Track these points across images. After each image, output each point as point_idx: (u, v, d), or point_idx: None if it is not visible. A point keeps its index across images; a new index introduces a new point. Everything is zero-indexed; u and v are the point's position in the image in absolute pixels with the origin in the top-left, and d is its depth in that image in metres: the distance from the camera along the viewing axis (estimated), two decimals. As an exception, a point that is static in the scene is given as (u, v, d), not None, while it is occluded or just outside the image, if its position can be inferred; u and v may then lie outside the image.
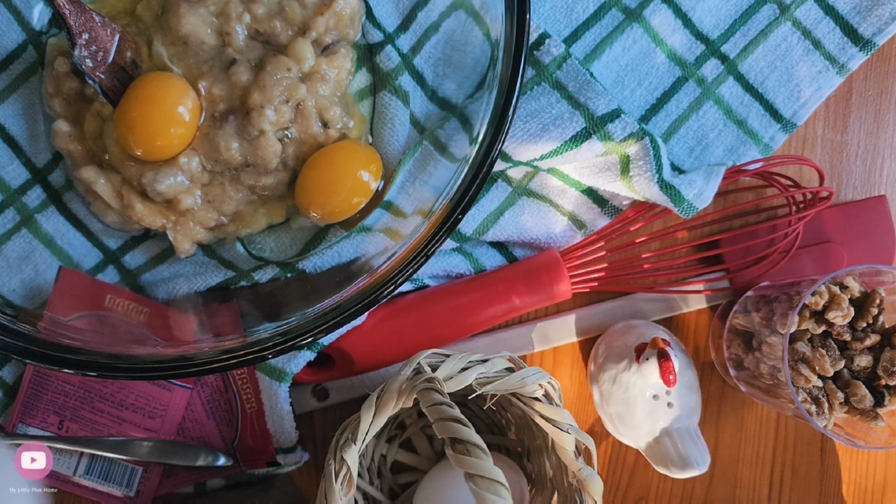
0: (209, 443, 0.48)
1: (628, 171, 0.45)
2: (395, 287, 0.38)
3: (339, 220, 0.46)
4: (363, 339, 0.47)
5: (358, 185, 0.44)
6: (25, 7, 0.44)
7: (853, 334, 0.44)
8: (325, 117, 0.44)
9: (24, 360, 0.37)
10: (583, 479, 0.37)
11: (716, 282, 0.50)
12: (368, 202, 0.45)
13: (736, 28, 0.49)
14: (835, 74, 0.50)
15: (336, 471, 0.35)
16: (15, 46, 0.44)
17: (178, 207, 0.43)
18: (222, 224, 0.45)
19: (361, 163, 0.44)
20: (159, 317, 0.45)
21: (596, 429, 0.51)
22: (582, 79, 0.45)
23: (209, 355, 0.38)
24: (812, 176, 0.51)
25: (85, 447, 0.45)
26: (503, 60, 0.38)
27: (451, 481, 0.45)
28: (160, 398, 0.47)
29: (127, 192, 0.43)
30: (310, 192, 0.44)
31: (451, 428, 0.31)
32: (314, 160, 0.44)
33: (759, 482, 0.52)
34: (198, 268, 0.46)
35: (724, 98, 0.49)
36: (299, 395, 0.49)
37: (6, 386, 0.46)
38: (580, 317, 0.50)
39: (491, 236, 0.48)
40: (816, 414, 0.43)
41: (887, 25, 0.49)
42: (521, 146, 0.45)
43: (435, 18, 0.46)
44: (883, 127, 0.52)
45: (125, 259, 0.46)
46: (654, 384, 0.45)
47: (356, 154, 0.44)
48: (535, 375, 0.38)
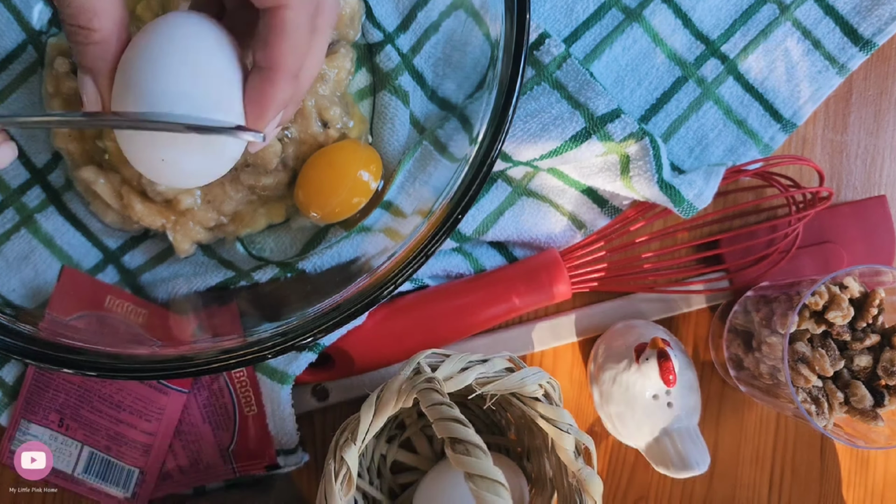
0: (204, 447, 0.48)
1: (628, 171, 0.45)
2: (395, 287, 0.38)
3: (339, 220, 0.46)
4: (363, 339, 0.47)
5: (358, 185, 0.44)
6: (25, 7, 0.44)
7: (853, 334, 0.44)
8: (325, 117, 0.44)
9: (24, 360, 0.37)
10: (583, 479, 0.37)
11: (716, 282, 0.50)
12: (368, 202, 0.45)
13: (736, 28, 0.49)
14: (835, 74, 0.50)
15: (336, 471, 0.35)
16: (15, 46, 0.44)
17: (177, 207, 0.43)
18: (222, 224, 0.45)
19: (361, 163, 0.44)
20: (159, 317, 0.45)
21: (596, 429, 0.51)
22: (582, 79, 0.45)
23: (209, 355, 0.38)
24: (812, 176, 0.51)
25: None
26: (503, 60, 0.38)
27: (451, 481, 0.45)
28: (156, 402, 0.46)
29: (126, 191, 0.43)
30: (310, 193, 0.44)
31: (451, 428, 0.31)
32: (314, 160, 0.44)
33: (759, 482, 0.52)
34: (197, 268, 0.46)
35: (724, 98, 0.49)
36: (299, 395, 0.49)
37: (6, 386, 0.46)
38: (580, 317, 0.50)
39: (491, 236, 0.48)
40: (816, 414, 0.43)
41: (887, 25, 0.49)
42: (521, 146, 0.45)
43: (435, 18, 0.46)
44: (883, 127, 0.52)
45: (125, 259, 0.46)
46: (654, 384, 0.45)
47: (356, 154, 0.44)
48: (535, 375, 0.38)
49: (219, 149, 0.34)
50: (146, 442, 0.47)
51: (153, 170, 0.34)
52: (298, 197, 0.44)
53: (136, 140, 0.32)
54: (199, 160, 0.33)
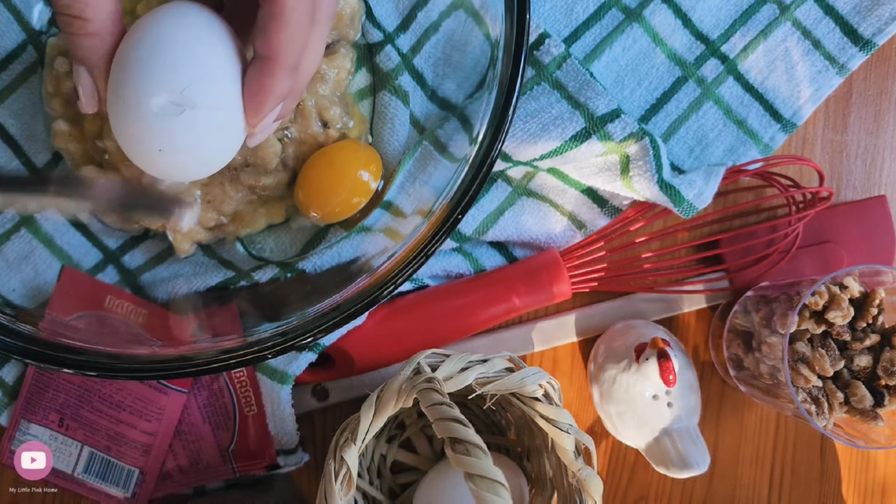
0: (204, 447, 0.48)
1: (628, 171, 0.45)
2: (395, 287, 0.38)
3: (339, 220, 0.46)
4: (363, 339, 0.47)
5: (358, 185, 0.44)
6: (25, 7, 0.44)
7: (853, 334, 0.44)
8: (325, 117, 0.44)
9: (24, 360, 0.37)
10: (582, 479, 0.37)
11: (716, 282, 0.50)
12: (368, 202, 0.45)
13: (736, 28, 0.49)
14: (835, 74, 0.50)
15: (336, 471, 0.35)
16: (15, 46, 0.44)
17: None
18: (222, 224, 0.45)
19: (361, 163, 0.44)
20: (159, 317, 0.45)
21: (596, 429, 0.51)
22: (582, 79, 0.45)
23: (209, 355, 0.38)
24: (812, 176, 0.51)
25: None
26: (503, 60, 0.38)
27: (451, 481, 0.45)
28: (156, 402, 0.46)
29: (127, 192, 0.43)
30: (310, 193, 0.44)
31: (451, 428, 0.31)
32: (314, 160, 0.44)
33: (759, 482, 0.52)
34: (197, 268, 0.46)
35: (724, 98, 0.49)
36: (299, 395, 0.49)
37: (6, 386, 0.46)
38: (580, 317, 0.50)
39: (491, 236, 0.48)
40: (816, 414, 0.43)
41: (887, 25, 0.49)
42: (520, 146, 0.45)
43: (435, 18, 0.46)
44: (883, 127, 0.52)
45: (125, 259, 0.46)
46: (654, 384, 0.45)
47: (356, 154, 0.44)
48: (535, 375, 0.38)
49: (217, 141, 0.33)
50: (146, 442, 0.47)
51: (150, 162, 0.33)
52: (298, 197, 0.44)
53: (133, 130, 0.32)
54: (196, 152, 0.33)
